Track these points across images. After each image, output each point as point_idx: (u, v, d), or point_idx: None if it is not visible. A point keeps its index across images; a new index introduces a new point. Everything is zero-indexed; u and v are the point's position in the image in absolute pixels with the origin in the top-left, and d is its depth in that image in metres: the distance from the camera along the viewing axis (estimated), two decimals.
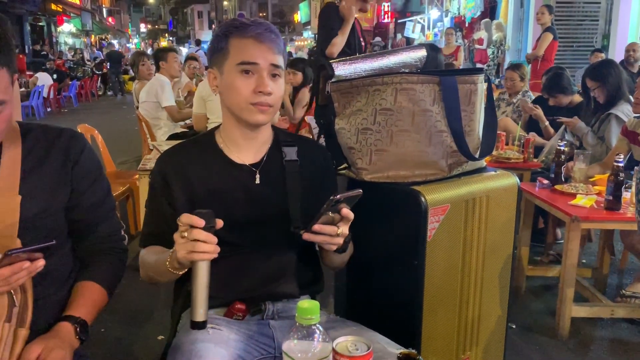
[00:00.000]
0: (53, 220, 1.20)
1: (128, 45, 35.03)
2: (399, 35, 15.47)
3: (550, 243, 3.37)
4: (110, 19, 35.11)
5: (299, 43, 24.42)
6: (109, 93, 16.34)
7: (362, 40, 3.75)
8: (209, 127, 3.61)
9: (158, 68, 4.61)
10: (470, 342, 1.64)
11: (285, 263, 1.32)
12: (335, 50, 3.45)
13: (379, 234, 1.53)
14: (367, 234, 1.42)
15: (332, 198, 1.07)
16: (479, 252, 1.58)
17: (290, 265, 1.32)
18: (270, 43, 1.23)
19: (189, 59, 6.56)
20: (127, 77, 15.50)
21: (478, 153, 1.58)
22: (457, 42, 9.70)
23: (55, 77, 12.86)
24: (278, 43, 1.25)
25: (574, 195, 2.50)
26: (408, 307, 1.50)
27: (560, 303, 2.46)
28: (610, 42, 8.21)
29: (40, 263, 1.01)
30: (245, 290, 1.29)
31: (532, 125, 3.90)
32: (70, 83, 13.63)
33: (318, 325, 0.88)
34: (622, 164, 2.32)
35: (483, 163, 1.67)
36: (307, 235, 1.14)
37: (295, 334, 0.87)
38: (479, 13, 11.09)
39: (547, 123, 3.75)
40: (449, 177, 1.55)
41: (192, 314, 1.08)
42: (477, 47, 10.05)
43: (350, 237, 1.20)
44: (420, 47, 1.77)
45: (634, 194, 2.33)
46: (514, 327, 2.54)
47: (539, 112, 3.76)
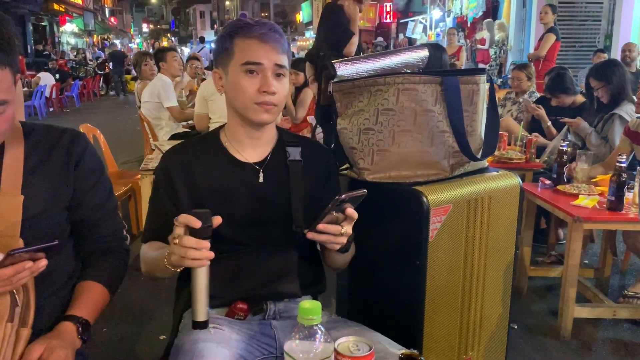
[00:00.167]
0: (55, 220, 1.20)
1: (130, 45, 35.07)
2: (401, 36, 15.45)
3: (553, 243, 3.36)
4: (113, 19, 35.17)
5: (301, 43, 24.40)
6: (111, 93, 16.36)
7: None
8: (211, 127, 3.61)
9: (159, 69, 4.62)
10: (472, 342, 1.64)
11: (288, 262, 1.32)
12: (354, 49, 3.51)
13: (381, 235, 1.53)
14: (369, 235, 1.42)
15: (337, 198, 1.08)
16: (481, 252, 1.58)
17: (292, 265, 1.32)
18: (274, 43, 1.24)
19: (191, 59, 6.57)
20: (129, 77, 15.53)
21: (480, 153, 1.57)
22: (459, 42, 9.67)
23: (58, 77, 12.88)
24: (282, 43, 1.26)
25: (577, 196, 2.50)
26: (410, 307, 1.50)
27: (563, 303, 2.46)
28: (613, 42, 8.19)
29: (43, 263, 1.01)
30: (247, 290, 1.29)
31: (534, 126, 3.90)
32: (73, 83, 13.65)
33: (320, 326, 0.88)
34: (624, 165, 2.31)
35: (485, 163, 1.66)
36: (310, 234, 1.14)
37: (297, 334, 0.87)
38: (481, 13, 11.07)
39: (549, 123, 3.74)
40: (451, 177, 1.54)
41: (193, 314, 1.08)
42: (479, 47, 10.02)
43: (353, 237, 1.21)
44: (423, 47, 1.77)
45: (637, 195, 2.33)
46: (516, 327, 2.54)
47: (542, 112, 3.75)
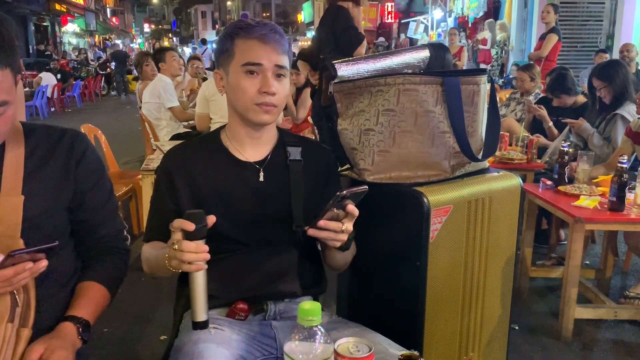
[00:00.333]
0: (56, 221, 1.20)
1: (132, 46, 35.11)
2: (403, 36, 15.45)
3: (554, 244, 3.36)
4: (114, 19, 35.20)
5: (303, 43, 24.42)
6: (113, 93, 16.37)
7: None
8: (212, 127, 3.61)
9: (158, 69, 4.62)
10: (473, 343, 1.63)
11: (288, 262, 1.32)
12: (364, 52, 3.57)
13: (382, 235, 1.53)
14: (369, 235, 1.42)
15: (338, 194, 1.08)
16: (482, 253, 1.58)
17: (293, 264, 1.32)
18: (275, 44, 1.24)
19: (192, 59, 6.59)
20: (131, 77, 15.54)
21: (481, 154, 1.57)
22: (460, 42, 9.68)
23: (59, 77, 12.89)
24: (282, 43, 1.26)
25: (578, 196, 2.49)
26: (410, 308, 1.50)
27: (564, 304, 2.45)
28: (615, 42, 8.18)
29: (43, 264, 1.01)
30: (248, 289, 1.29)
31: (536, 126, 3.89)
32: (74, 83, 13.66)
33: (319, 327, 0.88)
34: (626, 165, 2.31)
35: (486, 164, 1.66)
36: (311, 231, 1.14)
37: (297, 335, 0.87)
38: (482, 13, 11.06)
39: (550, 124, 3.74)
40: (452, 178, 1.54)
41: (192, 315, 1.09)
42: (480, 47, 10.02)
43: (354, 235, 1.21)
44: (424, 47, 1.76)
45: (638, 195, 2.33)
46: (517, 328, 2.54)
47: (543, 112, 3.75)
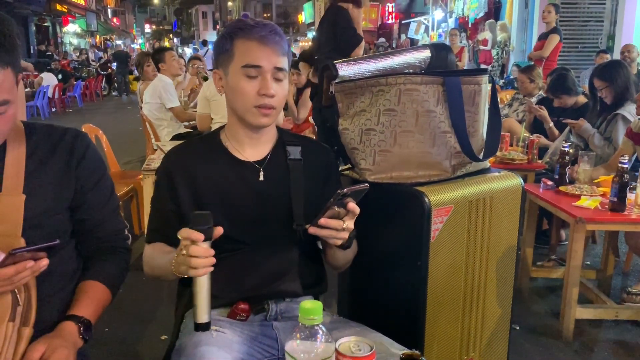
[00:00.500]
0: (57, 220, 1.20)
1: (132, 46, 35.14)
2: (403, 36, 15.46)
3: (554, 245, 3.36)
4: (115, 20, 35.23)
5: (303, 44, 24.43)
6: (114, 93, 16.38)
7: None
8: (213, 127, 3.62)
9: (158, 70, 4.62)
10: (474, 343, 1.63)
11: (289, 261, 1.32)
12: (361, 53, 3.58)
13: (383, 235, 1.53)
14: (370, 235, 1.42)
15: (338, 192, 1.08)
16: (483, 253, 1.58)
17: (293, 264, 1.32)
18: (275, 45, 1.24)
19: (193, 59, 6.59)
20: (132, 77, 15.55)
21: (482, 154, 1.57)
22: (461, 43, 9.68)
23: (60, 77, 12.90)
24: (282, 45, 1.25)
25: (578, 197, 2.49)
26: (411, 307, 1.50)
27: (565, 304, 2.45)
28: (615, 43, 8.17)
29: (44, 262, 1.01)
30: (249, 289, 1.29)
31: (536, 127, 3.89)
32: (75, 83, 13.67)
33: (321, 326, 0.88)
34: (626, 166, 2.31)
35: (487, 164, 1.66)
36: (312, 229, 1.14)
37: (298, 334, 0.87)
38: (482, 14, 11.06)
39: (551, 124, 3.74)
40: (453, 178, 1.54)
41: (195, 316, 1.08)
42: (481, 47, 10.03)
43: (355, 233, 1.21)
44: (425, 47, 1.76)
45: (639, 196, 2.32)
46: (518, 328, 2.53)
47: (544, 113, 3.75)
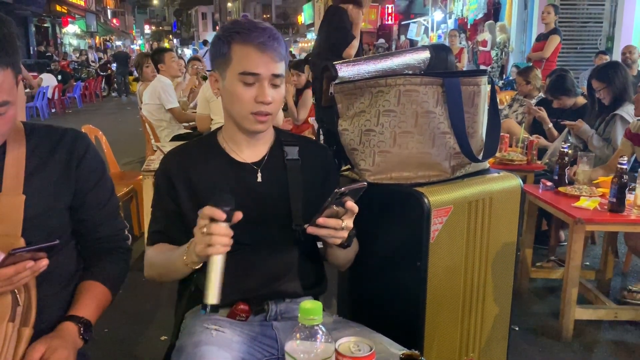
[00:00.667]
0: (57, 220, 1.21)
1: (132, 47, 35.14)
2: (403, 37, 15.46)
3: (554, 245, 3.36)
4: (115, 21, 35.23)
5: (303, 45, 24.45)
6: (114, 94, 16.38)
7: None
8: (213, 127, 3.62)
9: (158, 70, 4.62)
10: (473, 343, 1.64)
11: (288, 262, 1.32)
12: (353, 53, 3.51)
13: (382, 236, 1.53)
14: (370, 235, 1.42)
15: (336, 191, 1.08)
16: (482, 253, 1.58)
17: (293, 264, 1.32)
18: (272, 52, 1.23)
19: (192, 60, 6.60)
20: (132, 78, 15.55)
21: (481, 155, 1.58)
22: (460, 43, 9.68)
23: (60, 78, 12.90)
24: (280, 51, 1.24)
25: (578, 197, 2.50)
26: (411, 308, 1.50)
27: (564, 305, 2.45)
28: (615, 44, 8.18)
29: (44, 262, 1.01)
30: (248, 290, 1.29)
31: (536, 127, 3.90)
32: (75, 84, 13.67)
33: (321, 326, 0.88)
34: (625, 166, 2.31)
35: (486, 165, 1.67)
36: (311, 229, 1.14)
37: (298, 334, 0.87)
38: (482, 15, 11.07)
39: (550, 125, 3.74)
40: (452, 178, 1.55)
41: (206, 297, 1.07)
42: (480, 48, 10.03)
43: (355, 232, 1.21)
44: (424, 48, 1.77)
45: (638, 197, 2.33)
46: (517, 329, 2.54)
47: (543, 114, 3.75)
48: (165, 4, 54.40)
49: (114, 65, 16.74)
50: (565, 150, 2.74)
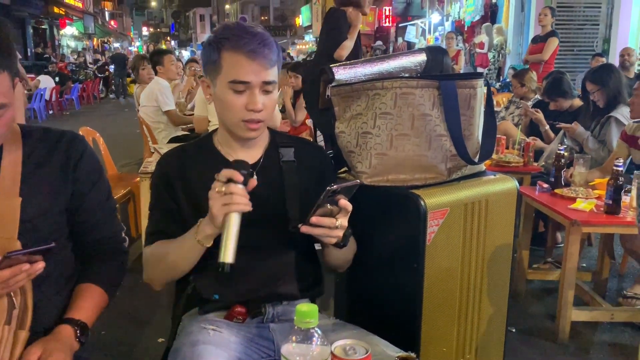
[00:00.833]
0: (53, 222, 1.21)
1: (130, 49, 35.11)
2: (400, 39, 15.48)
3: (550, 247, 3.37)
4: (113, 22, 35.23)
5: (301, 47, 24.48)
6: (111, 96, 16.36)
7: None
8: (211, 129, 3.62)
9: (156, 72, 4.61)
10: (470, 345, 1.64)
11: (285, 264, 1.32)
12: (344, 54, 3.43)
13: (379, 238, 1.53)
14: (367, 238, 1.42)
15: (328, 189, 1.07)
16: (478, 255, 1.59)
17: (290, 266, 1.32)
18: (263, 59, 1.21)
19: (190, 62, 6.60)
20: (129, 79, 15.53)
21: (477, 157, 1.58)
22: (457, 46, 9.69)
23: (58, 79, 12.88)
24: (270, 57, 1.22)
25: (574, 199, 2.50)
26: (408, 310, 1.51)
27: (560, 307, 2.46)
28: (611, 46, 8.21)
29: (40, 265, 1.01)
30: (245, 292, 1.29)
31: (532, 129, 3.91)
32: (73, 86, 13.65)
33: (316, 329, 0.88)
34: (621, 168, 2.32)
35: (482, 167, 1.67)
36: (305, 228, 1.14)
37: (294, 337, 0.87)
38: (478, 17, 11.09)
39: (547, 127, 3.75)
40: (449, 181, 1.55)
41: (222, 255, 1.08)
42: (477, 51, 10.04)
43: (351, 232, 1.21)
44: (420, 51, 1.77)
45: (634, 198, 2.34)
46: (514, 330, 2.54)
47: (540, 115, 3.77)
48: (163, 6, 54.42)
49: (112, 67, 16.72)
50: (562, 153, 2.75)
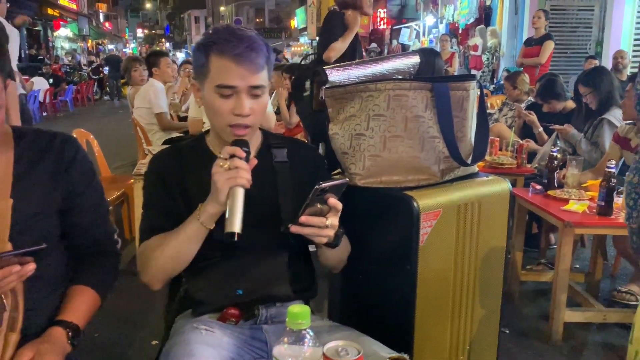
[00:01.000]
0: (45, 224, 1.20)
1: (125, 51, 35.02)
2: (395, 42, 15.51)
3: (544, 248, 3.38)
4: (107, 24, 35.12)
5: (295, 49, 24.50)
6: (106, 97, 16.31)
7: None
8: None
9: (151, 73, 4.59)
10: (463, 346, 1.64)
11: (279, 265, 1.32)
12: (333, 56, 3.35)
13: (372, 239, 1.53)
14: (360, 239, 1.43)
15: (316, 187, 1.06)
16: (471, 256, 1.59)
17: (284, 268, 1.32)
18: (250, 64, 1.19)
19: (185, 63, 6.59)
20: (123, 81, 15.49)
21: (470, 159, 1.59)
22: (452, 48, 9.73)
23: (52, 81, 12.83)
24: (258, 62, 1.21)
25: (567, 201, 2.51)
26: (401, 311, 1.51)
27: (554, 308, 2.47)
28: (604, 49, 8.26)
29: (31, 267, 1.01)
30: (239, 295, 1.29)
31: (526, 131, 3.93)
32: (67, 87, 13.60)
33: (308, 330, 0.88)
34: (614, 170, 2.33)
35: (475, 169, 1.68)
36: (294, 228, 1.13)
37: (286, 339, 0.87)
38: (473, 20, 11.13)
39: (540, 129, 3.77)
40: (442, 182, 1.56)
41: (228, 226, 1.10)
42: (472, 53, 10.07)
43: (343, 231, 1.20)
44: (414, 53, 1.78)
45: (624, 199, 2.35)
46: (508, 332, 2.55)
47: (533, 117, 3.79)
48: (158, 8, 54.35)
49: (106, 69, 16.67)
50: (555, 154, 2.76)
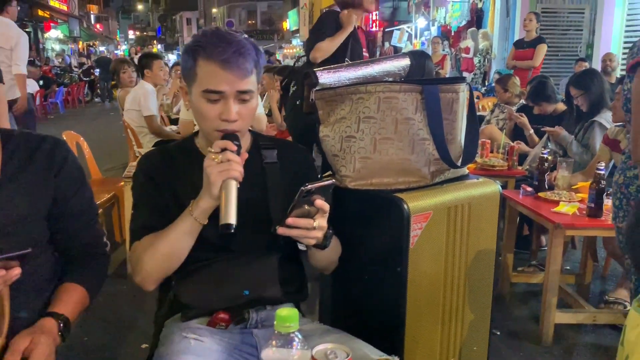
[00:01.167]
0: (33, 228, 1.19)
1: (116, 52, 34.87)
2: (387, 44, 15.56)
3: (535, 250, 3.40)
4: (99, 26, 34.97)
5: (287, 50, 24.51)
6: (96, 99, 16.23)
7: (365, 51, 3.51)
8: None
9: (142, 75, 4.56)
10: (454, 348, 1.64)
11: (269, 268, 1.32)
12: (319, 56, 3.13)
13: (363, 241, 1.53)
14: (350, 241, 1.42)
15: (302, 188, 1.05)
16: (462, 258, 1.59)
17: (274, 270, 1.32)
18: (237, 69, 1.18)
19: (176, 65, 6.58)
20: (114, 83, 15.41)
21: (460, 161, 1.59)
22: (443, 50, 9.77)
23: (42, 83, 12.73)
24: (245, 66, 1.19)
25: (557, 203, 2.53)
26: (391, 314, 1.51)
27: (544, 309, 2.48)
28: (594, 51, 8.33)
29: (16, 272, 1.00)
30: (229, 298, 1.28)
31: (517, 133, 3.95)
32: (57, 89, 13.51)
33: (297, 333, 0.88)
34: (603, 172, 2.35)
35: (465, 171, 1.68)
36: (281, 230, 1.13)
37: (274, 342, 0.87)
38: (465, 22, 11.19)
39: (531, 131, 3.79)
40: (432, 184, 1.56)
41: (223, 218, 1.10)
42: (463, 55, 10.12)
43: (332, 232, 1.20)
44: (404, 56, 1.78)
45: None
46: (498, 333, 2.56)
47: (524, 120, 3.81)
48: (150, 10, 54.19)
49: (97, 71, 16.59)
50: (545, 156, 2.78)
